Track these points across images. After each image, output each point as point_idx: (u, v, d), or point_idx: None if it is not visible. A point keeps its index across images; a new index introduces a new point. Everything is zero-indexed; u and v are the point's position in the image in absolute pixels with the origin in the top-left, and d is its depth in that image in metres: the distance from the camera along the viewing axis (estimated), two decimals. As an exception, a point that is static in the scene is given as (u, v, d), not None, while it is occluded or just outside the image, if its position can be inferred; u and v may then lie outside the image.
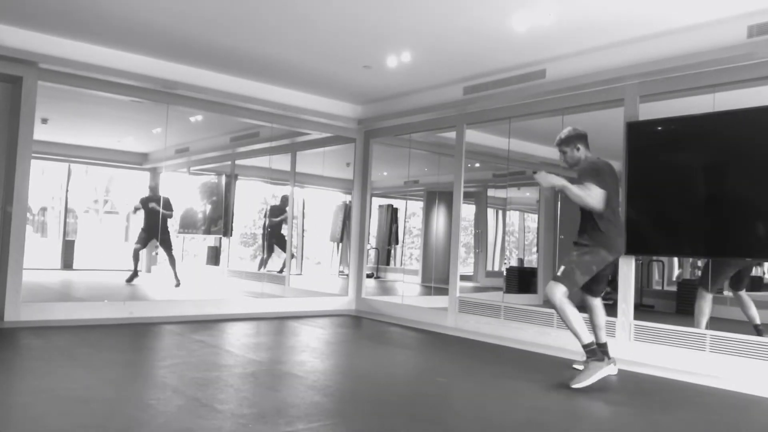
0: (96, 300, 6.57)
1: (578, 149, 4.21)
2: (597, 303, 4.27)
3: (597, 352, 3.96)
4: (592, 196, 3.92)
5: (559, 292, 3.93)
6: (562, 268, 4.01)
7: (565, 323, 3.99)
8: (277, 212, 9.75)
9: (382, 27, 4.94)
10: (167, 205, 8.90)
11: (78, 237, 11.42)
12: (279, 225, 9.75)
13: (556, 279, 3.98)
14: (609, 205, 4.00)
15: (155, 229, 8.69)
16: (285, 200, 9.60)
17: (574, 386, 3.79)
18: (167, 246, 8.82)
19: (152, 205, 8.71)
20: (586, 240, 4.05)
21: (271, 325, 6.15)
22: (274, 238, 9.86)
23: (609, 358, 4.13)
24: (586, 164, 4.14)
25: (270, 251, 9.98)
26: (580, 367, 4.09)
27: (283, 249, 9.59)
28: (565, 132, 4.26)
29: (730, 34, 4.38)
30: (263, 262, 10.11)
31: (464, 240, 10.81)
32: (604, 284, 4.27)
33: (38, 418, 2.82)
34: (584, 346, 3.94)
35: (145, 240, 8.91)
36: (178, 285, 8.57)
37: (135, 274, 8.86)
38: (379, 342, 5.62)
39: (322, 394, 3.47)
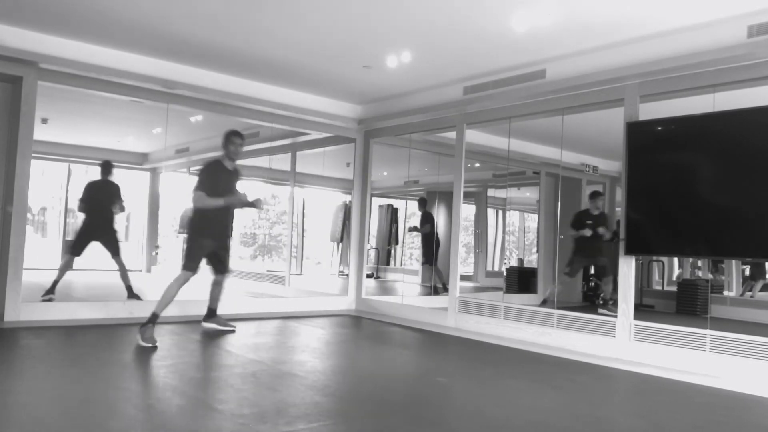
0: (96, 300, 6.56)
1: None
2: (219, 279, 5.39)
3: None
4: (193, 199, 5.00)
5: (177, 276, 4.92)
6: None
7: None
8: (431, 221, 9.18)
9: (382, 27, 4.94)
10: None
11: (78, 237, 11.36)
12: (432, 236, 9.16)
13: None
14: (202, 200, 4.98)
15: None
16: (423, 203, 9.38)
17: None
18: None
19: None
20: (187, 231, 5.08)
21: (271, 325, 6.15)
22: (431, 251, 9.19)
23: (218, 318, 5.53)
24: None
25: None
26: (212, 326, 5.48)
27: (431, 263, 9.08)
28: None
29: (730, 34, 4.38)
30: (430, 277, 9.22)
31: (464, 240, 10.81)
32: (224, 264, 5.31)
33: (38, 418, 2.82)
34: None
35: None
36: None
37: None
38: (379, 342, 5.62)
39: (322, 394, 3.47)
